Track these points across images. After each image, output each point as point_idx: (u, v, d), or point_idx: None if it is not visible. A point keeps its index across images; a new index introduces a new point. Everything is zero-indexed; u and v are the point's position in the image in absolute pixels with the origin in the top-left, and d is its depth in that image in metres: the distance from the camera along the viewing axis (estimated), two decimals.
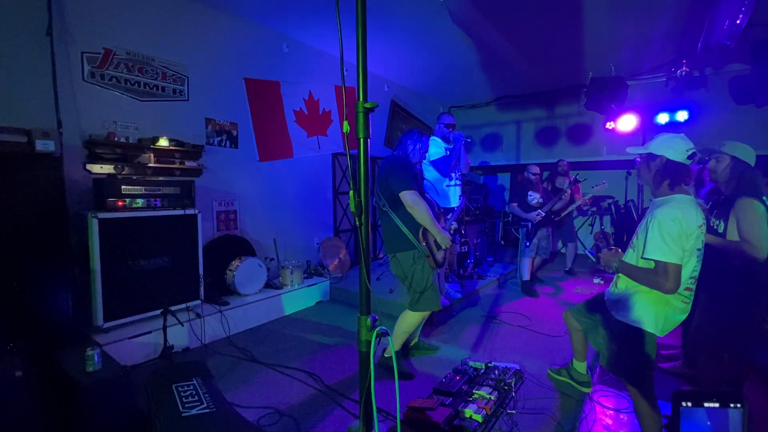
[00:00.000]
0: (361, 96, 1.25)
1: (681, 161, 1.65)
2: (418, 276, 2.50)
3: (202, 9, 3.70)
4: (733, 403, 0.82)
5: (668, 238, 1.55)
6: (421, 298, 2.51)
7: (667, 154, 1.67)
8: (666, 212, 1.59)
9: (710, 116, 5.34)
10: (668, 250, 1.54)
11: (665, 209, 1.61)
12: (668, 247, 1.54)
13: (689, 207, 1.61)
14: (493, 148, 7.68)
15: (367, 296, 1.39)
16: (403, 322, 2.62)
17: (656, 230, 1.58)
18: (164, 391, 1.82)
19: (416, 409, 2.05)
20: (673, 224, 1.55)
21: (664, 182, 1.70)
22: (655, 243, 1.58)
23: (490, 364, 2.55)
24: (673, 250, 1.54)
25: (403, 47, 4.88)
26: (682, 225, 1.55)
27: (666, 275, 1.56)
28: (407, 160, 2.58)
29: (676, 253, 1.54)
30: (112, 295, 2.72)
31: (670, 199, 1.67)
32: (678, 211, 1.57)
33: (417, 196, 2.40)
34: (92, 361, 1.87)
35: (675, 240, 1.55)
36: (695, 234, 1.58)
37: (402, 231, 2.46)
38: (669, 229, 1.55)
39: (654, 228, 1.60)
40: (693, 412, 0.84)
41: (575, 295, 4.55)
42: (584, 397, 2.33)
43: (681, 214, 1.56)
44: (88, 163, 2.94)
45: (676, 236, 1.55)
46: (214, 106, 3.86)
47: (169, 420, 1.63)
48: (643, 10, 3.80)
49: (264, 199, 4.36)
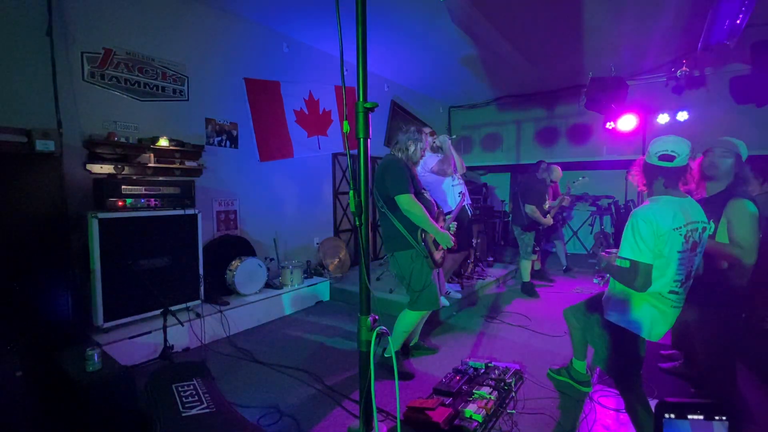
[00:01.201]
0: (361, 96, 1.25)
1: (653, 163, 1.70)
2: (416, 275, 2.50)
3: (202, 9, 3.70)
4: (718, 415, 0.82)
5: (638, 238, 1.59)
6: (420, 297, 2.51)
7: (645, 158, 1.75)
8: (639, 213, 1.64)
9: (710, 116, 5.34)
10: (638, 249, 1.59)
11: (640, 210, 1.65)
12: (638, 246, 1.59)
13: (666, 208, 1.61)
14: (493, 148, 7.68)
15: (367, 296, 1.39)
16: (402, 321, 2.62)
17: (629, 229, 1.64)
18: (164, 391, 1.82)
19: (416, 409, 2.05)
20: (644, 224, 1.59)
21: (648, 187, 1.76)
22: (627, 242, 1.64)
23: (490, 364, 2.55)
24: (642, 250, 1.59)
25: (403, 47, 4.88)
26: (653, 226, 1.58)
27: (635, 273, 1.60)
28: (402, 161, 2.55)
29: (644, 252, 1.58)
30: (112, 295, 2.72)
31: (652, 199, 1.71)
32: (650, 212, 1.61)
33: (412, 199, 2.39)
34: (92, 361, 1.87)
35: (645, 240, 1.58)
36: (670, 235, 1.58)
37: (400, 231, 2.46)
38: (640, 228, 1.60)
39: (627, 227, 1.65)
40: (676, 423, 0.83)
41: (575, 295, 4.55)
42: (584, 397, 2.33)
43: (653, 215, 1.59)
44: (88, 163, 2.94)
45: (646, 236, 1.58)
46: (214, 106, 3.86)
47: (169, 420, 1.63)
48: (643, 10, 3.80)
49: (264, 199, 4.36)
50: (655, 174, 1.71)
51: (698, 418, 0.82)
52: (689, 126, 5.22)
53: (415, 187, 2.50)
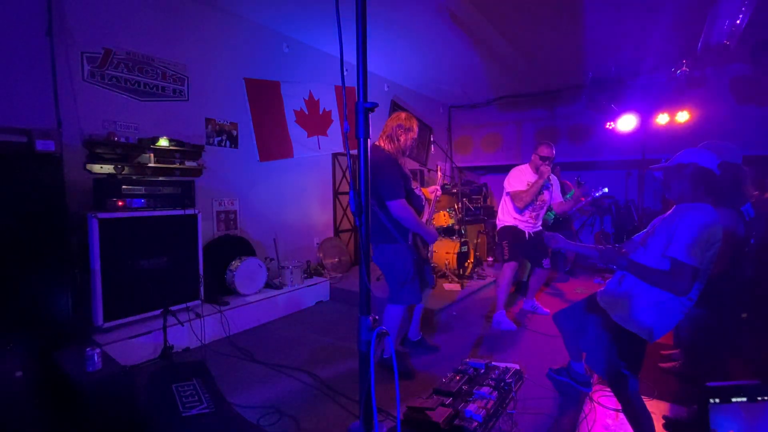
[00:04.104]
0: (362, 96, 1.25)
1: (714, 171, 1.69)
2: (399, 268, 2.51)
3: (202, 9, 3.70)
4: (761, 396, 0.80)
5: (696, 242, 1.58)
6: (402, 290, 2.53)
7: (699, 161, 1.70)
8: (698, 216, 1.62)
9: (710, 116, 5.33)
10: (692, 252, 1.57)
11: (697, 213, 1.63)
12: (692, 249, 1.57)
13: (717, 220, 1.64)
14: (493, 148, 7.68)
15: (367, 296, 1.39)
16: (386, 318, 2.63)
17: (686, 231, 1.61)
18: (164, 391, 1.82)
19: (416, 409, 2.05)
20: (705, 230, 1.59)
21: (705, 191, 1.72)
22: (681, 243, 1.60)
23: (490, 364, 2.55)
24: (696, 254, 1.57)
25: (403, 47, 4.88)
26: (711, 234, 1.59)
27: (682, 276, 1.58)
28: (392, 157, 2.46)
29: (698, 257, 1.57)
30: (112, 295, 2.72)
31: (699, 206, 1.69)
32: (710, 219, 1.62)
33: (405, 205, 2.38)
34: (92, 361, 1.87)
35: (700, 245, 1.58)
36: (716, 246, 1.62)
37: (387, 227, 2.48)
38: (701, 233, 1.59)
39: (683, 229, 1.62)
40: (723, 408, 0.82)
41: (575, 295, 4.55)
42: (584, 397, 2.33)
43: (713, 222, 1.61)
44: (88, 163, 2.94)
45: (702, 242, 1.58)
46: (214, 106, 3.86)
47: (169, 420, 1.63)
48: (643, 9, 3.80)
49: (264, 199, 4.36)
50: (714, 184, 1.70)
51: (742, 401, 0.81)
52: (689, 126, 5.21)
53: (406, 186, 2.47)
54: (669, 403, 2.14)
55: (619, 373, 1.75)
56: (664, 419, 1.99)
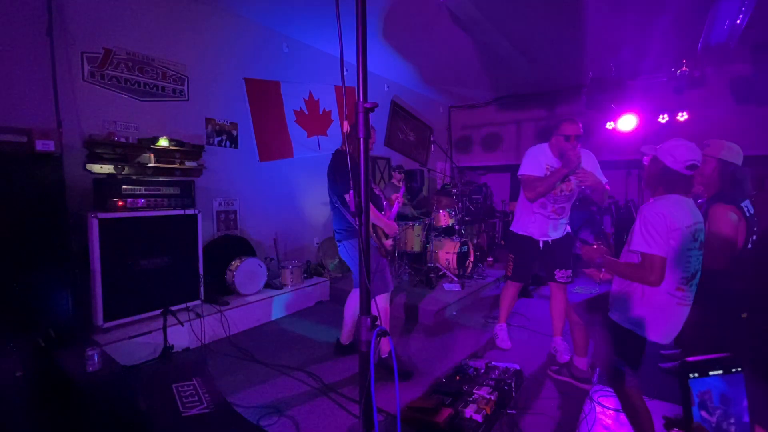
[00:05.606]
0: (361, 96, 1.25)
1: (678, 170, 1.67)
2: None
3: (202, 9, 3.70)
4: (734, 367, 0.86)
5: (653, 231, 1.61)
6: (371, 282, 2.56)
7: (666, 161, 1.69)
8: (652, 207, 1.65)
9: (711, 116, 5.33)
10: (653, 242, 1.60)
11: (651, 205, 1.67)
12: (653, 239, 1.60)
13: (678, 205, 1.65)
14: (493, 148, 7.68)
15: (367, 296, 1.39)
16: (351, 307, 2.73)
17: (641, 224, 1.65)
18: (164, 391, 1.82)
19: (416, 409, 2.05)
20: (659, 218, 1.61)
21: (659, 187, 1.75)
22: (639, 236, 1.64)
23: (490, 364, 2.55)
24: (657, 243, 1.60)
25: (403, 47, 4.88)
26: (667, 220, 1.60)
27: (651, 268, 1.61)
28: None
29: (660, 245, 1.59)
30: (112, 295, 2.72)
31: (662, 197, 1.72)
32: (664, 208, 1.63)
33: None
34: (92, 361, 1.87)
35: (659, 233, 1.60)
36: (683, 232, 1.62)
37: (349, 223, 2.57)
38: (654, 222, 1.62)
39: (639, 222, 1.66)
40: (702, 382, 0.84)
41: (575, 295, 4.55)
42: (584, 397, 2.33)
43: (667, 211, 1.62)
44: (88, 163, 2.94)
45: (660, 230, 1.60)
46: (214, 106, 3.86)
47: (169, 420, 1.63)
48: (643, 10, 3.80)
49: (264, 199, 4.36)
50: (677, 181, 1.70)
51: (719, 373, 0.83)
52: (689, 126, 5.21)
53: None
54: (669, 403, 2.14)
55: (617, 369, 1.76)
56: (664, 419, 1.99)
